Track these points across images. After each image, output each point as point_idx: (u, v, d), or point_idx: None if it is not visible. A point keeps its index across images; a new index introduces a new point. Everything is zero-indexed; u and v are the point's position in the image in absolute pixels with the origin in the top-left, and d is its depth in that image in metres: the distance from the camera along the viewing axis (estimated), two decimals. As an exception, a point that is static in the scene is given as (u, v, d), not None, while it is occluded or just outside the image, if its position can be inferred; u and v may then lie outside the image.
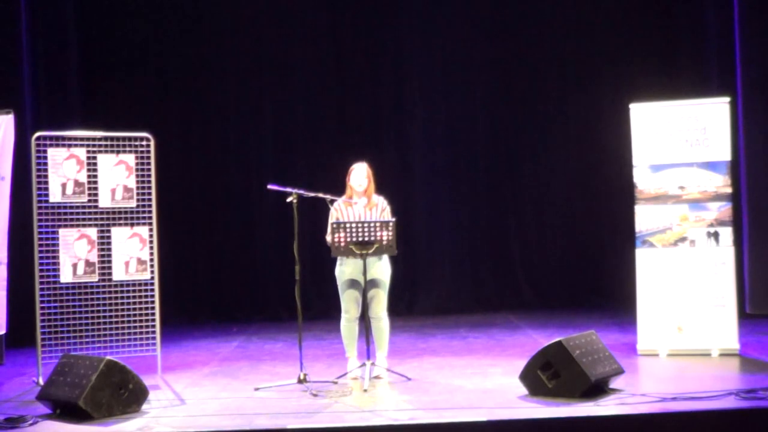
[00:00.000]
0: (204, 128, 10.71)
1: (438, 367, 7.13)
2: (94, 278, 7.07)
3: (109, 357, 5.82)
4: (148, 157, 7.19)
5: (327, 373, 6.85)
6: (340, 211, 6.73)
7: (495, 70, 10.81)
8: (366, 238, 6.37)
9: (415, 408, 5.68)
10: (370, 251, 6.41)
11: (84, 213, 7.05)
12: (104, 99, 10.24)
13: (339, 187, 6.88)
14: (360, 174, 6.74)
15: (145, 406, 5.84)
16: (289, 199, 6.52)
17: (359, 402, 5.89)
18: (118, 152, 7.14)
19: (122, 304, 7.11)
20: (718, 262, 7.22)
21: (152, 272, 7.19)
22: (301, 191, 6.58)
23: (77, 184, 7.03)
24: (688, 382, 6.08)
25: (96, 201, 7.08)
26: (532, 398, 5.79)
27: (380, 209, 6.78)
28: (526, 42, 10.76)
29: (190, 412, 5.79)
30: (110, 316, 7.08)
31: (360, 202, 6.75)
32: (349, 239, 6.36)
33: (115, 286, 7.12)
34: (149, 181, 7.19)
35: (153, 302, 7.17)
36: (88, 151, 7.07)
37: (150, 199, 7.20)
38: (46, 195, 6.94)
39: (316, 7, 10.79)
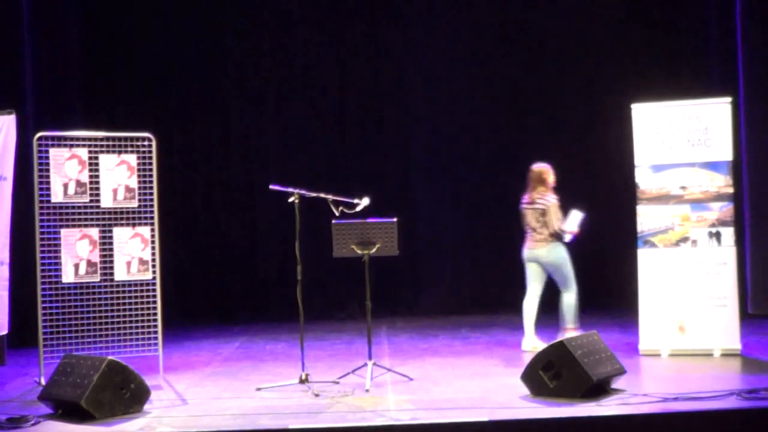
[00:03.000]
0: (206, 128, 10.69)
1: (440, 367, 7.13)
2: (96, 278, 7.07)
3: (111, 357, 5.83)
4: (150, 157, 7.19)
5: (329, 373, 6.85)
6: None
7: (496, 70, 10.78)
8: (368, 238, 6.49)
9: (416, 408, 5.68)
10: (372, 251, 6.48)
11: (86, 213, 7.05)
12: (106, 99, 10.22)
13: (339, 186, 6.87)
14: None
15: (147, 406, 5.85)
16: (290, 199, 6.54)
17: (361, 402, 5.89)
18: (119, 152, 7.15)
19: (124, 304, 7.11)
20: (719, 262, 7.21)
21: (154, 272, 7.19)
22: (303, 191, 6.58)
23: (79, 184, 7.03)
24: (689, 383, 6.08)
25: (98, 201, 7.08)
26: (534, 398, 5.79)
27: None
28: (526, 42, 10.73)
29: (191, 412, 5.79)
30: (112, 317, 7.08)
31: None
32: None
33: (117, 286, 7.12)
34: (151, 181, 7.19)
35: (155, 302, 7.17)
36: (90, 151, 7.07)
37: (152, 199, 7.20)
38: (48, 195, 6.94)
39: (318, 6, 10.79)
